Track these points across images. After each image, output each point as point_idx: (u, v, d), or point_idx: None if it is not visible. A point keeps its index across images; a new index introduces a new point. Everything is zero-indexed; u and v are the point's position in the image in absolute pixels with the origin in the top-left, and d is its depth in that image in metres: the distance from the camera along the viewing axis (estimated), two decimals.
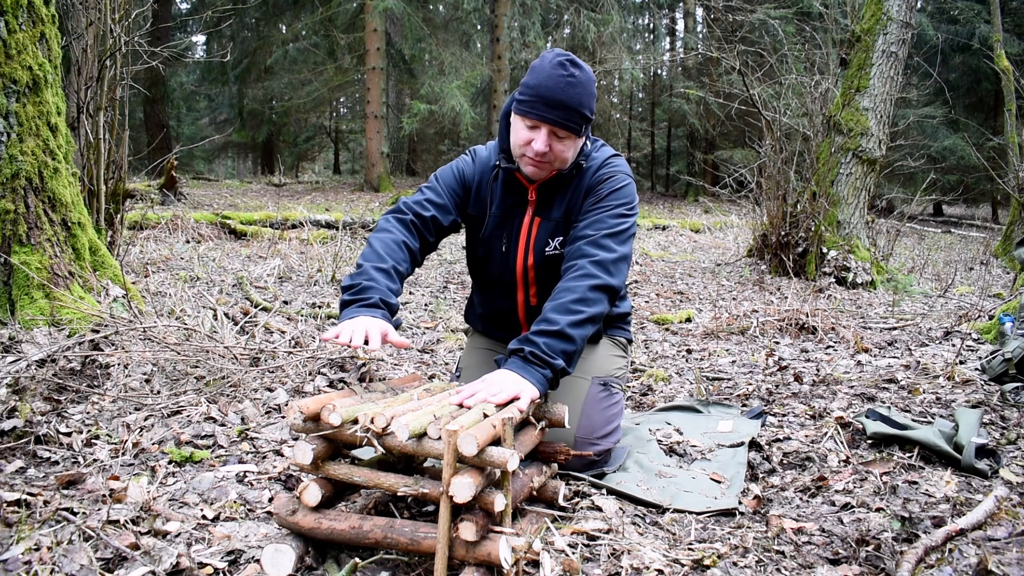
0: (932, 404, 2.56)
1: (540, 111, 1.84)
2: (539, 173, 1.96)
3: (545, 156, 1.89)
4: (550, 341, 1.72)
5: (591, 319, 1.78)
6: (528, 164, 1.93)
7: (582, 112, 1.85)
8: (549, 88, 1.82)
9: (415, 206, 2.03)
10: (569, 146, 1.91)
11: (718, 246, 9.56)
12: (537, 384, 1.67)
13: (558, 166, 1.94)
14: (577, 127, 1.87)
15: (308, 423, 1.47)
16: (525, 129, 1.89)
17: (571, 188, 2.02)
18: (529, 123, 1.87)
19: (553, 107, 1.82)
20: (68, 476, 1.76)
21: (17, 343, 2.45)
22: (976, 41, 13.56)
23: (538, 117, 1.84)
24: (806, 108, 7.15)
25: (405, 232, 1.98)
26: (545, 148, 1.86)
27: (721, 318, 4.52)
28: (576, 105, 1.83)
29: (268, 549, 1.39)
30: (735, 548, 1.60)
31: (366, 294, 1.78)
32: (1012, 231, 8.69)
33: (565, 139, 1.88)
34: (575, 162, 1.98)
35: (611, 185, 1.97)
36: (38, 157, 2.71)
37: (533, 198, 2.04)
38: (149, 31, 4.47)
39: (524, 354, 1.71)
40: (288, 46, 17.84)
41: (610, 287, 1.83)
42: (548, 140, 1.86)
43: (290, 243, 6.89)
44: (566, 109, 1.83)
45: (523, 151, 1.91)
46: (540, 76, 1.84)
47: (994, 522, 1.65)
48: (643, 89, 23.15)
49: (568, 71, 1.83)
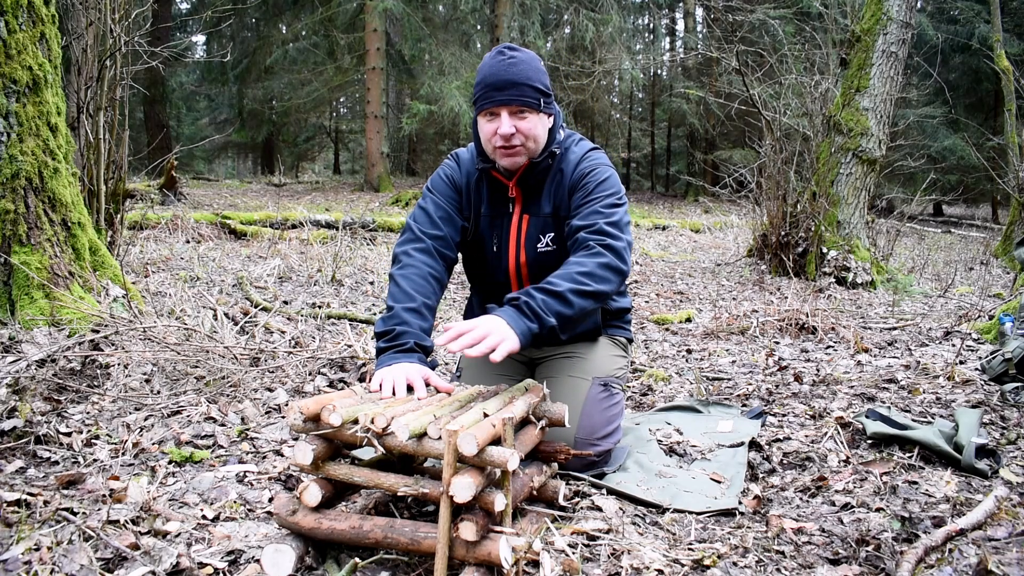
0: (932, 404, 2.56)
1: (491, 97, 1.89)
2: (516, 160, 1.96)
3: (513, 138, 1.91)
4: (548, 299, 1.72)
5: (594, 294, 1.79)
6: (502, 155, 1.95)
7: (532, 85, 1.89)
8: (493, 74, 1.88)
9: (427, 228, 2.01)
10: (535, 123, 1.93)
11: (718, 246, 9.56)
12: (521, 336, 1.66)
13: (531, 147, 1.95)
14: (534, 101, 1.90)
15: (308, 423, 1.47)
16: (487, 123, 1.93)
17: (553, 181, 2.04)
18: (488, 115, 1.92)
19: (501, 88, 1.87)
20: (68, 476, 1.76)
21: (17, 343, 2.45)
22: (976, 41, 13.56)
23: (492, 103, 1.89)
24: (806, 108, 7.15)
25: (428, 260, 1.96)
26: (511, 129, 1.89)
27: (721, 318, 4.52)
28: (524, 80, 1.88)
29: (268, 549, 1.39)
30: (735, 548, 1.60)
31: (401, 340, 1.79)
32: (1012, 231, 8.69)
33: (528, 116, 1.91)
34: (549, 150, 1.99)
35: (596, 177, 1.99)
36: (38, 157, 2.71)
37: (516, 195, 2.05)
38: (149, 31, 4.48)
39: (519, 303, 1.71)
40: (288, 46, 17.84)
41: (620, 270, 1.85)
42: (512, 122, 1.89)
43: (290, 243, 6.89)
44: (515, 86, 1.87)
45: (493, 143, 1.94)
46: (483, 70, 1.92)
47: (994, 522, 1.65)
48: (643, 89, 23.16)
49: (506, 55, 1.90)
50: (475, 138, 2.04)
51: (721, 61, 9.32)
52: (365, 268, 5.86)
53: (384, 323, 1.84)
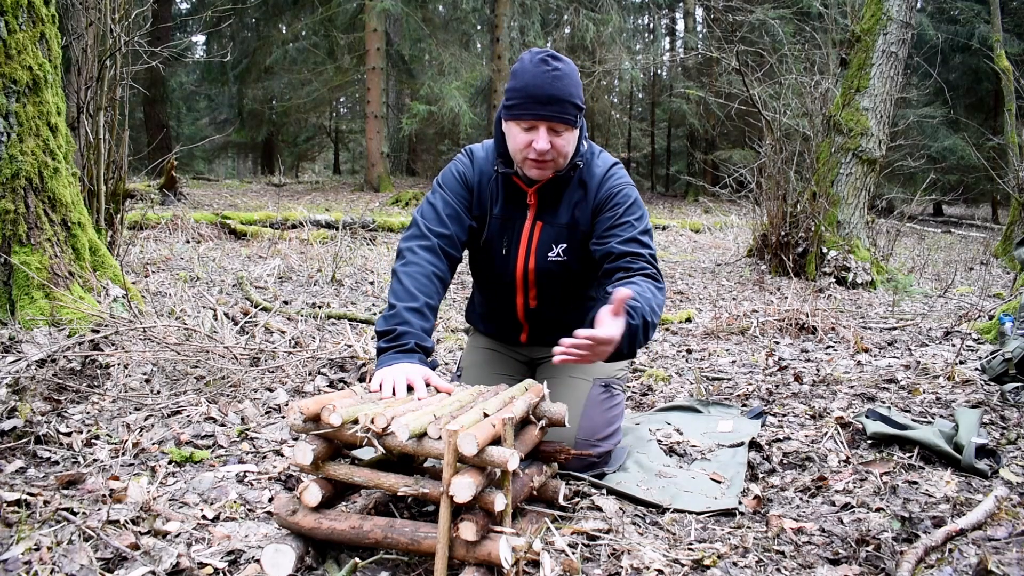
0: (932, 404, 2.56)
1: (534, 110, 1.83)
2: (543, 174, 1.94)
3: (548, 154, 1.87)
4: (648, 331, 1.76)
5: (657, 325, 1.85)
6: (532, 167, 1.91)
7: (574, 102, 1.86)
8: (537, 86, 1.82)
9: (434, 225, 1.98)
10: (569, 139, 1.90)
11: (718, 246, 9.56)
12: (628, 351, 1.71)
13: (561, 163, 1.93)
14: (572, 119, 1.87)
15: (308, 423, 1.47)
16: (522, 132, 1.87)
17: (573, 192, 2.01)
18: (525, 125, 1.86)
19: (545, 103, 1.82)
20: (68, 476, 1.76)
21: (17, 343, 2.45)
22: (976, 41, 13.55)
23: (533, 116, 1.84)
24: (806, 108, 7.15)
25: (432, 259, 1.93)
26: (547, 146, 1.85)
27: (721, 318, 4.52)
28: (567, 97, 1.84)
29: (268, 549, 1.39)
30: (735, 548, 1.60)
31: (402, 340, 1.78)
32: (1012, 231, 8.68)
33: (564, 133, 1.88)
34: (572, 162, 1.97)
35: (624, 200, 1.99)
36: (38, 157, 2.71)
37: (533, 201, 2.03)
38: (149, 31, 4.47)
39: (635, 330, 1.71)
40: (288, 46, 17.85)
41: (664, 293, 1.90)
42: (548, 137, 1.85)
43: (290, 243, 6.89)
44: (559, 103, 1.83)
45: (525, 154, 1.89)
46: (525, 77, 1.84)
47: (994, 522, 1.65)
48: (643, 89, 23.16)
49: (551, 65, 1.83)
50: (497, 139, 2.00)
51: (721, 61, 9.32)
52: (365, 268, 5.86)
53: (385, 322, 1.83)
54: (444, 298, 4.86)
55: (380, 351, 1.80)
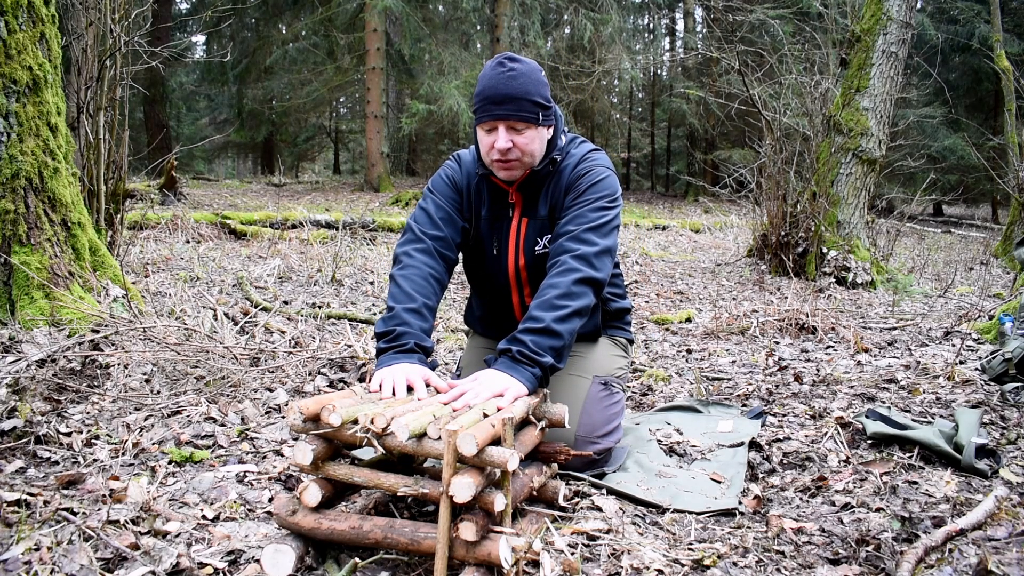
0: (932, 404, 2.56)
1: (490, 111, 1.88)
2: (512, 174, 1.97)
3: (510, 152, 1.90)
4: (537, 339, 1.74)
5: (576, 312, 1.79)
6: (499, 168, 1.95)
7: (531, 99, 1.88)
8: (493, 87, 1.87)
9: (428, 228, 2.01)
10: (532, 137, 1.92)
11: (718, 246, 9.56)
12: (526, 382, 1.69)
13: (527, 161, 1.95)
14: (532, 115, 1.89)
15: (308, 423, 1.47)
16: (486, 135, 1.93)
17: (552, 185, 2.04)
18: (487, 127, 1.91)
19: (499, 103, 1.86)
20: (68, 476, 1.76)
21: (17, 343, 2.45)
22: (976, 41, 13.56)
23: (491, 117, 1.88)
24: (806, 108, 7.15)
25: (428, 261, 1.96)
26: (507, 144, 1.88)
27: (721, 318, 4.52)
28: (522, 95, 1.86)
29: (268, 549, 1.39)
30: (735, 548, 1.60)
31: (401, 340, 1.80)
32: (1012, 231, 8.69)
33: (525, 130, 1.90)
34: (550, 157, 1.99)
35: (590, 179, 1.98)
36: (38, 157, 2.71)
37: (516, 200, 2.06)
38: (149, 31, 4.47)
39: (512, 353, 1.73)
40: (288, 46, 17.85)
41: (593, 280, 1.84)
42: (508, 136, 1.88)
43: (290, 243, 6.89)
44: (514, 101, 1.86)
45: (490, 156, 1.94)
46: (483, 81, 1.90)
47: (994, 522, 1.65)
48: (643, 89, 23.15)
49: (506, 67, 1.88)
50: (475, 144, 2.05)
51: (721, 61, 9.32)
52: (365, 268, 5.86)
53: (384, 323, 1.84)
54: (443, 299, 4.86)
55: (380, 352, 1.82)
